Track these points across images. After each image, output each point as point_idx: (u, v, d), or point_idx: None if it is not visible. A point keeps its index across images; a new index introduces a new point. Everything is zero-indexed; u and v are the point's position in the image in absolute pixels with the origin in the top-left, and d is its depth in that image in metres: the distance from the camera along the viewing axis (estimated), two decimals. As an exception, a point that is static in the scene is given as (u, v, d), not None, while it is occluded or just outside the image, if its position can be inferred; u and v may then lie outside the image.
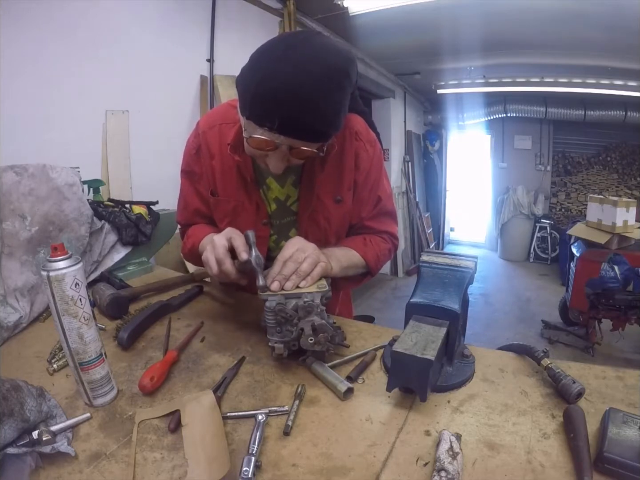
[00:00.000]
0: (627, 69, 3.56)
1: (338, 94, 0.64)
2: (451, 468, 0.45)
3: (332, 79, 0.61)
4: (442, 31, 3.02)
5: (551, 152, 6.18)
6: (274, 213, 0.89)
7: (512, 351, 0.72)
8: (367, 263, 0.89)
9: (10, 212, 0.92)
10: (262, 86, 0.60)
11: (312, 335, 0.64)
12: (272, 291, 0.67)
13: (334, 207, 0.87)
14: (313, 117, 0.62)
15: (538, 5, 2.53)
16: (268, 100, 0.60)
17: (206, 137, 0.87)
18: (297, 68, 0.59)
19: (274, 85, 0.59)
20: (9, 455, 0.46)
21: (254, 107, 0.63)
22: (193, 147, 0.90)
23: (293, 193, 0.87)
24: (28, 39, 1.47)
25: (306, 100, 0.60)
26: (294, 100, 0.59)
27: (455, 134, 6.79)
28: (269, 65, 0.61)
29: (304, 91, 0.59)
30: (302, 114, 0.61)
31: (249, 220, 0.87)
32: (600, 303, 2.86)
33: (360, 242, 0.90)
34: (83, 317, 0.56)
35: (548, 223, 5.97)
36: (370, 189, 0.90)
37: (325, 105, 0.62)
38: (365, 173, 0.87)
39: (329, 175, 0.84)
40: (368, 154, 0.87)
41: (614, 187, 5.76)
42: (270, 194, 0.88)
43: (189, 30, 2.23)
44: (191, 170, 0.92)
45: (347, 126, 0.84)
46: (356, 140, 0.85)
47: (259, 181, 0.86)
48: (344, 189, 0.86)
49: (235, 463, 0.47)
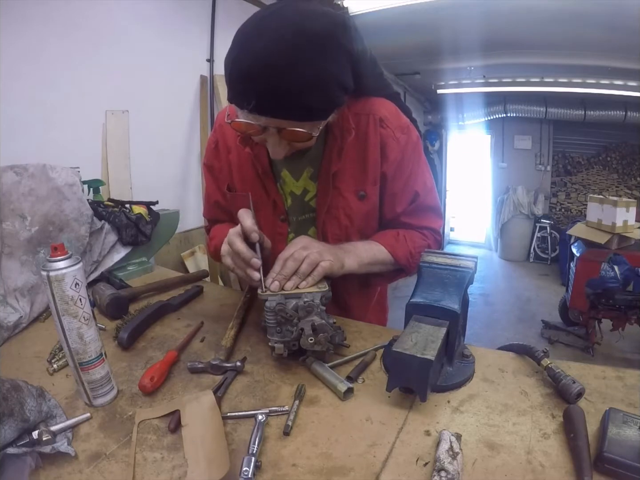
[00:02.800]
0: (627, 69, 3.56)
1: (320, 62, 0.56)
2: (451, 468, 0.45)
3: (310, 45, 0.54)
4: (442, 31, 3.02)
5: (551, 152, 6.18)
6: (290, 208, 0.84)
7: (512, 351, 0.72)
8: (397, 260, 0.81)
9: (10, 212, 0.92)
10: (236, 65, 0.57)
11: (312, 335, 0.64)
12: (272, 291, 0.67)
13: (357, 203, 0.80)
14: (290, 91, 0.55)
15: (538, 5, 2.53)
16: (242, 79, 0.56)
17: (223, 130, 0.85)
18: (268, 40, 0.54)
19: (246, 62, 0.55)
20: (9, 455, 0.46)
21: (232, 88, 0.59)
22: (212, 142, 0.89)
23: (312, 187, 0.81)
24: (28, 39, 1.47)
25: (279, 73, 0.54)
26: (267, 75, 0.54)
27: (455, 134, 6.79)
28: (242, 43, 0.57)
29: (276, 63, 0.53)
30: (277, 88, 0.54)
31: (267, 215, 0.83)
32: (600, 303, 2.86)
33: (392, 237, 0.83)
34: (83, 317, 0.56)
35: (548, 223, 5.97)
36: (404, 182, 0.81)
37: (303, 76, 0.54)
38: (395, 164, 0.79)
39: (350, 168, 0.78)
40: (398, 142, 0.78)
41: (614, 187, 5.76)
42: (286, 187, 0.83)
43: (189, 30, 2.23)
44: (211, 165, 0.91)
45: (371, 112, 0.77)
46: (382, 128, 0.77)
47: (275, 175, 0.82)
48: (368, 183, 0.79)
49: (235, 463, 0.47)
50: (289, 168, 0.81)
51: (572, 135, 5.93)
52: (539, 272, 5.67)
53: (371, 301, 1.02)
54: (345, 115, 0.73)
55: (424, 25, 2.92)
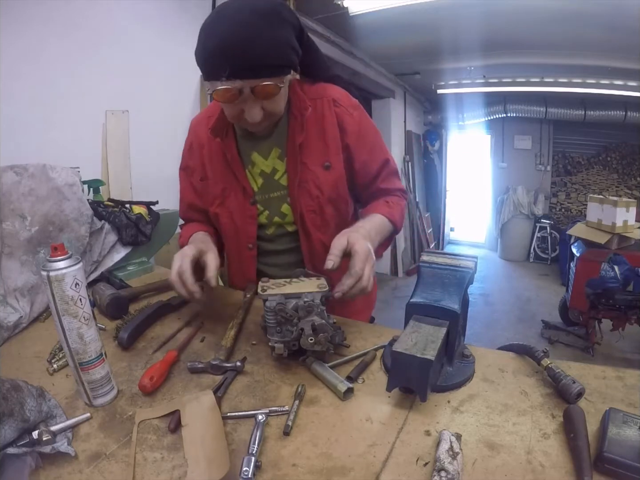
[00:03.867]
0: (627, 69, 3.56)
1: (272, 30, 0.70)
2: (451, 468, 0.45)
3: (263, 20, 0.69)
4: (442, 31, 3.02)
5: (551, 152, 6.17)
6: (260, 189, 0.92)
7: (512, 351, 0.72)
8: (395, 225, 0.91)
9: (10, 212, 0.92)
10: (207, 46, 0.70)
11: (313, 335, 0.64)
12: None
13: (324, 174, 0.88)
14: (254, 55, 0.68)
15: (538, 5, 2.53)
16: (214, 55, 0.69)
17: (195, 130, 0.96)
18: (231, 21, 0.69)
19: (215, 42, 0.69)
20: (9, 455, 0.46)
21: (207, 66, 0.72)
22: (187, 144, 0.99)
23: (280, 166, 0.90)
24: (28, 39, 1.47)
25: (243, 43, 0.67)
26: (234, 47, 0.67)
27: (455, 134, 6.79)
28: (207, 30, 0.71)
29: (240, 36, 0.67)
30: (244, 54, 0.68)
31: (237, 200, 0.92)
32: (600, 303, 2.86)
33: (384, 205, 0.92)
34: (83, 317, 0.56)
35: (548, 223, 5.97)
36: (370, 149, 0.92)
37: (262, 41, 0.68)
38: (355, 135, 0.89)
39: (313, 143, 0.87)
40: (353, 117, 0.88)
41: (614, 187, 5.76)
42: (256, 169, 0.91)
43: (189, 30, 2.22)
44: (187, 166, 1.00)
45: (324, 94, 0.88)
46: (335, 107, 0.88)
47: (244, 160, 0.91)
48: (331, 154, 0.88)
49: (235, 463, 0.47)
50: (257, 149, 0.90)
51: (572, 135, 5.92)
52: (539, 272, 5.67)
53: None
54: (301, 97, 0.85)
55: (424, 25, 2.92)
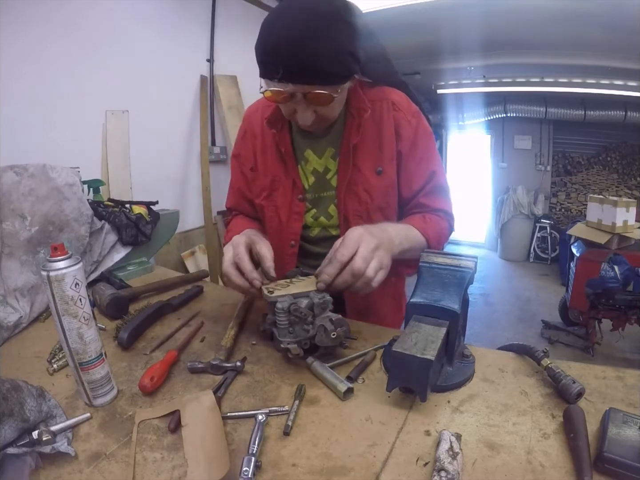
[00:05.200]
0: (627, 69, 3.56)
1: (331, 35, 0.67)
2: (451, 468, 0.45)
3: (322, 23, 0.66)
4: (442, 31, 3.02)
5: (551, 152, 6.17)
6: (312, 186, 0.90)
7: (512, 351, 0.72)
8: (428, 241, 0.83)
9: (10, 212, 0.92)
10: (264, 45, 0.68)
11: (334, 331, 0.65)
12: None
13: (375, 179, 0.85)
14: (310, 60, 0.66)
15: (538, 5, 2.53)
16: (269, 55, 0.67)
17: (250, 120, 0.95)
18: (289, 22, 0.66)
19: (272, 40, 0.67)
20: (9, 455, 0.46)
21: (261, 64, 0.70)
22: (240, 132, 0.98)
23: (332, 166, 0.88)
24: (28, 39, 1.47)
25: (300, 46, 0.65)
26: (290, 49, 0.65)
27: (455, 134, 6.78)
28: (267, 28, 0.69)
29: (297, 39, 0.65)
30: (299, 58, 0.66)
31: (285, 194, 0.89)
32: (600, 303, 2.86)
33: (420, 219, 0.86)
34: (83, 317, 0.56)
35: (548, 223, 5.96)
36: (419, 160, 0.87)
37: (319, 46, 0.66)
38: (409, 143, 0.85)
39: (367, 145, 0.84)
40: (410, 124, 0.85)
41: (614, 187, 5.75)
42: (308, 166, 0.89)
43: (189, 30, 2.23)
44: (239, 154, 0.98)
45: (384, 97, 0.85)
46: (394, 110, 0.85)
47: (297, 156, 0.89)
48: (385, 159, 0.85)
49: (235, 463, 0.47)
50: (312, 147, 0.88)
51: (572, 135, 5.92)
52: (539, 272, 5.67)
53: (389, 297, 1.00)
54: (361, 97, 0.82)
55: (424, 25, 2.92)
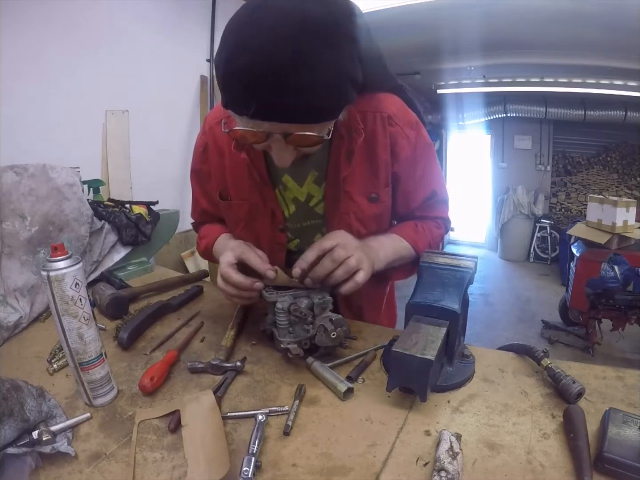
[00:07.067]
0: (627, 69, 3.56)
1: (325, 55, 0.47)
2: (451, 468, 0.45)
3: (313, 37, 0.46)
4: (442, 31, 3.02)
5: (551, 152, 6.17)
6: (292, 216, 0.79)
7: (512, 351, 0.72)
8: (418, 253, 0.78)
9: (10, 212, 0.92)
10: (229, 66, 0.48)
11: (334, 331, 0.64)
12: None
13: (368, 207, 0.75)
14: (295, 92, 0.47)
15: (538, 5, 2.53)
16: (239, 82, 0.48)
17: (214, 132, 0.78)
18: (265, 35, 0.46)
19: (241, 62, 0.46)
20: (9, 455, 0.46)
21: (227, 92, 0.51)
22: (200, 146, 0.82)
23: (317, 192, 0.76)
24: (28, 39, 1.48)
25: (282, 72, 0.46)
26: (267, 76, 0.46)
27: (455, 134, 6.78)
28: (234, 39, 0.48)
29: (278, 61, 0.45)
30: (280, 90, 0.46)
31: (264, 225, 0.79)
32: (600, 303, 2.86)
33: (411, 229, 0.80)
34: (83, 317, 0.56)
35: (548, 223, 5.96)
36: (418, 180, 0.78)
37: (308, 74, 0.47)
38: (407, 163, 0.75)
39: (360, 170, 0.72)
40: (408, 139, 0.73)
41: (614, 187, 5.75)
42: (288, 194, 0.77)
43: (189, 30, 2.23)
44: (199, 170, 0.85)
45: (378, 110, 0.71)
46: (390, 126, 0.71)
47: (274, 180, 0.75)
48: (380, 185, 0.74)
49: (235, 463, 0.47)
50: (291, 173, 0.74)
51: (572, 135, 5.92)
52: (539, 272, 5.66)
53: (383, 300, 0.98)
54: (353, 114, 0.67)
55: (424, 25, 2.92)
